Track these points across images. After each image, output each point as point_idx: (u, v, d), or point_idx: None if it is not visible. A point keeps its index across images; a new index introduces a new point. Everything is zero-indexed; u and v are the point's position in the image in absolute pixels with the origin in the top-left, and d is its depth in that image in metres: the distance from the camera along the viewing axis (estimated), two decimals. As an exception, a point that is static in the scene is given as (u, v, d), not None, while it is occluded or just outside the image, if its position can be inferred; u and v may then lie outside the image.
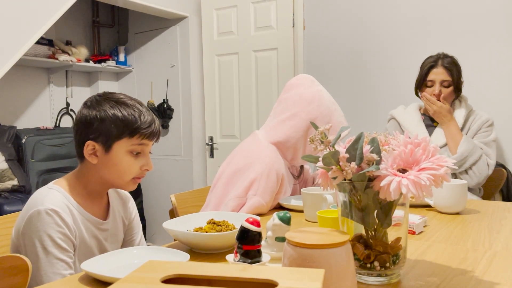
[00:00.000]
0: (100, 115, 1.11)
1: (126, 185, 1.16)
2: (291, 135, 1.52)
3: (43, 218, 1.02)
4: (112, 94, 1.16)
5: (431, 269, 0.85)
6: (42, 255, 1.01)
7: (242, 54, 3.36)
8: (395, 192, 0.69)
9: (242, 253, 0.81)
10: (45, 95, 3.59)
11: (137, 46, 3.96)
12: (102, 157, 1.11)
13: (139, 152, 1.14)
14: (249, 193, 1.42)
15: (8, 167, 2.80)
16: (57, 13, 2.65)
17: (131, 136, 1.11)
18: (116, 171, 1.12)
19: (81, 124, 1.13)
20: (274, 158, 1.48)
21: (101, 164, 1.12)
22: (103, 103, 1.12)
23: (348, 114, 3.05)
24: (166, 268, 0.55)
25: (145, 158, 1.16)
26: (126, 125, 1.10)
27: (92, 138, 1.11)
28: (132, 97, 1.17)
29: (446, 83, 1.99)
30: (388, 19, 2.88)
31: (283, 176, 1.48)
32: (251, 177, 1.43)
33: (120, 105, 1.12)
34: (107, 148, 1.11)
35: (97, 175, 1.14)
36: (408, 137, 0.76)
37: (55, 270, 1.01)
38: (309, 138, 0.81)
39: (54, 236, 1.02)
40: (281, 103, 1.59)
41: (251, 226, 0.81)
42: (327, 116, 1.52)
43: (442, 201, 1.35)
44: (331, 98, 1.58)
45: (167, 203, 3.32)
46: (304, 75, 1.64)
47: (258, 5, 3.27)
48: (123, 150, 1.11)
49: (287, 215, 0.90)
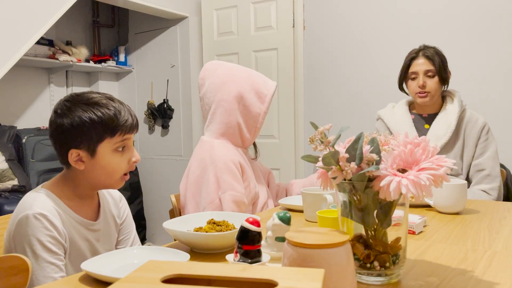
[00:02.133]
0: (76, 122, 1.07)
1: (116, 184, 1.16)
2: (226, 119, 1.55)
3: (32, 223, 1.01)
4: (80, 96, 1.12)
5: (431, 269, 0.85)
6: (32, 259, 1.00)
7: (242, 54, 3.36)
8: (394, 192, 0.69)
9: (242, 253, 0.81)
10: (45, 95, 3.60)
11: (137, 46, 3.96)
12: (89, 162, 1.10)
13: (124, 147, 1.13)
14: (219, 193, 1.42)
15: (8, 167, 2.80)
16: (57, 13, 2.65)
17: (112, 135, 1.09)
18: (105, 172, 1.11)
19: (58, 133, 1.10)
20: (224, 150, 1.49)
21: (89, 168, 1.11)
22: (75, 109, 1.08)
23: (348, 113, 3.05)
24: (166, 268, 0.55)
25: (130, 151, 1.15)
26: (104, 127, 1.08)
27: (74, 146, 1.08)
28: (100, 93, 1.14)
29: (430, 73, 1.88)
30: (388, 19, 2.88)
31: (241, 164, 1.49)
32: (212, 178, 1.43)
33: (92, 107, 1.09)
34: (92, 152, 1.09)
35: (85, 179, 1.13)
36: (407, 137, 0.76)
37: (45, 273, 1.01)
38: (309, 138, 0.81)
39: (44, 240, 1.01)
40: (203, 100, 1.62)
41: (251, 226, 0.81)
42: (247, 84, 1.55)
43: (442, 201, 1.35)
44: (240, 67, 1.62)
45: (167, 203, 3.32)
46: (206, 66, 1.65)
47: (258, 5, 3.27)
48: (108, 150, 1.10)
49: (287, 215, 0.90)
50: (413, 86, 1.92)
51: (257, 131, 1.59)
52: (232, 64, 1.64)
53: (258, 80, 1.58)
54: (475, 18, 2.60)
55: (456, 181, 1.38)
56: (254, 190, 1.54)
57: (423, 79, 1.88)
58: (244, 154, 1.60)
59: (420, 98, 1.91)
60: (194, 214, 1.20)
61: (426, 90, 1.88)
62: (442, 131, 1.89)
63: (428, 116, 1.97)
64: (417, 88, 1.90)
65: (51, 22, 2.63)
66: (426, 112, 1.98)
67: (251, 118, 1.55)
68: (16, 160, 2.96)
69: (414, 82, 1.92)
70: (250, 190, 1.52)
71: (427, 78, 1.89)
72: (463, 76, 2.57)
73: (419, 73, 1.90)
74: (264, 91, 1.56)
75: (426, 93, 1.89)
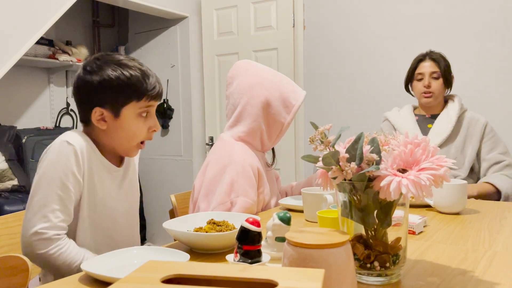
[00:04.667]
0: (105, 80, 1.07)
1: (131, 150, 1.16)
2: (250, 124, 1.51)
3: (60, 150, 1.05)
4: (111, 56, 1.12)
5: (431, 269, 0.85)
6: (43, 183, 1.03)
7: (242, 54, 3.36)
8: (395, 192, 0.69)
9: (242, 253, 0.81)
10: (45, 95, 3.59)
11: (137, 46, 3.96)
12: (111, 122, 1.10)
13: (147, 113, 1.13)
14: (231, 196, 1.39)
15: (8, 167, 2.80)
16: (57, 13, 2.65)
17: (138, 99, 1.10)
18: (126, 135, 1.12)
19: (84, 89, 1.10)
20: (244, 154, 1.46)
21: (110, 129, 1.11)
22: (105, 67, 1.08)
23: (348, 113, 3.05)
24: (166, 268, 0.55)
25: (152, 119, 1.15)
26: (132, 89, 1.08)
27: (99, 104, 1.08)
28: (130, 57, 1.15)
29: (435, 74, 2.00)
30: (388, 19, 2.88)
31: (259, 169, 1.46)
32: (228, 180, 1.40)
33: (122, 68, 1.09)
34: (116, 113, 1.09)
35: (104, 139, 1.13)
36: (407, 137, 0.76)
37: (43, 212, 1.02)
38: (309, 138, 0.81)
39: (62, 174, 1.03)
40: (229, 99, 1.58)
41: (251, 226, 0.81)
42: (276, 90, 1.51)
43: (442, 201, 1.35)
44: (271, 71, 1.57)
45: (167, 203, 3.32)
46: (237, 64, 1.60)
47: (258, 5, 3.27)
48: (132, 114, 1.10)
49: (287, 215, 0.90)
50: (419, 86, 2.04)
51: (278, 139, 1.57)
52: (263, 66, 1.59)
53: (288, 88, 1.53)
54: (478, 20, 2.60)
55: (456, 181, 1.38)
56: (267, 197, 1.52)
57: (429, 80, 2.00)
58: (262, 159, 1.57)
59: (425, 98, 2.02)
60: (194, 214, 1.20)
61: (431, 90, 2.00)
62: (443, 127, 2.00)
63: (431, 117, 2.08)
64: (422, 88, 2.02)
65: (51, 22, 2.62)
66: (429, 113, 2.09)
67: (275, 126, 1.52)
68: (16, 160, 2.96)
69: (420, 83, 2.04)
70: (264, 196, 1.49)
71: (432, 79, 2.01)
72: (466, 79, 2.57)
73: (425, 75, 2.02)
74: (292, 101, 1.52)
75: (431, 93, 2.00)
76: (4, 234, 1.21)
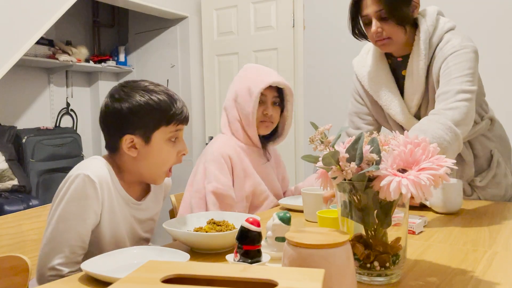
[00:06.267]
0: (134, 107, 1.07)
1: (159, 177, 1.16)
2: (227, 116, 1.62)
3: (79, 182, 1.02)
4: (137, 83, 1.13)
5: (431, 269, 0.85)
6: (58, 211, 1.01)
7: (242, 54, 3.36)
8: (395, 192, 0.69)
9: (242, 253, 0.81)
10: (45, 95, 3.59)
11: (137, 46, 3.96)
12: (142, 149, 1.09)
13: (176, 138, 1.13)
14: (205, 183, 1.48)
15: (8, 167, 2.80)
16: (57, 13, 2.65)
17: (167, 124, 1.10)
18: (156, 161, 1.11)
19: (113, 117, 1.09)
20: (220, 144, 1.54)
21: (141, 156, 1.10)
22: (133, 94, 1.08)
23: (348, 114, 3.05)
24: (166, 268, 0.55)
25: (181, 143, 1.15)
26: (161, 114, 1.08)
27: (130, 131, 1.08)
28: (154, 83, 1.15)
29: (381, 13, 1.39)
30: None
31: (231, 158, 1.51)
32: (201, 169, 1.51)
33: (150, 93, 1.09)
34: (147, 139, 1.09)
35: (133, 167, 1.12)
36: (407, 137, 0.75)
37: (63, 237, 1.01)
38: (309, 138, 0.81)
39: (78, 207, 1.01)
40: None
41: (251, 226, 0.81)
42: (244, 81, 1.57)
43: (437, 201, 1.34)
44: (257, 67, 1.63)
45: (167, 203, 3.31)
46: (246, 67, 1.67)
47: (258, 5, 3.27)
48: (162, 139, 1.10)
49: (287, 215, 0.91)
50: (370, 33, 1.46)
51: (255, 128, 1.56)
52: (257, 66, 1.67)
53: (254, 78, 1.56)
54: (478, 20, 2.60)
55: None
56: (258, 188, 1.56)
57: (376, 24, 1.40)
58: (252, 152, 1.60)
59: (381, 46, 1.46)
60: (194, 214, 1.20)
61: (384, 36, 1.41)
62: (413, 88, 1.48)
63: (403, 59, 1.53)
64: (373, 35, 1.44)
65: (51, 22, 2.62)
66: (400, 54, 1.52)
67: (246, 116, 1.56)
68: (16, 160, 2.96)
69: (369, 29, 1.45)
70: (244, 186, 1.53)
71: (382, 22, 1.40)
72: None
73: (370, 17, 1.42)
74: (253, 88, 1.53)
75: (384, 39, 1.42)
76: (4, 234, 1.21)
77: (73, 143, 3.39)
